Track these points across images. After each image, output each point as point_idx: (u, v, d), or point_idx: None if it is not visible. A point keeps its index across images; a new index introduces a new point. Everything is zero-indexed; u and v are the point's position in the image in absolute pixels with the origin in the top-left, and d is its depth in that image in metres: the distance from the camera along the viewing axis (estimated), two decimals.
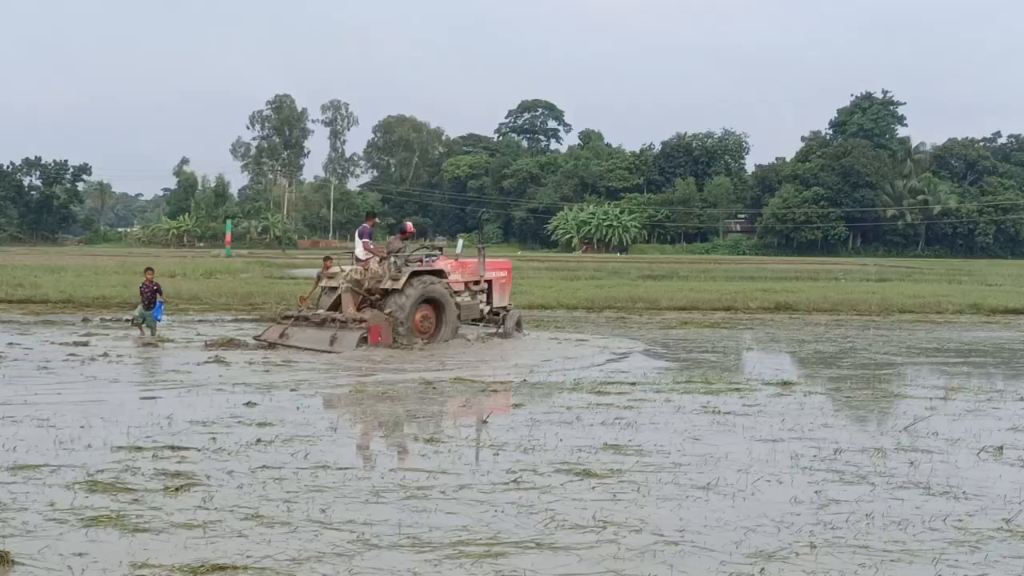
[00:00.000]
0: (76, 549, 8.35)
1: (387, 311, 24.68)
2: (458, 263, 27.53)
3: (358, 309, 25.20)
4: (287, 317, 25.44)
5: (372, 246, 26.63)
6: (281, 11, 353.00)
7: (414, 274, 25.35)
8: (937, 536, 9.20)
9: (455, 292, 26.45)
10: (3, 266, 59.80)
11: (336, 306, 25.54)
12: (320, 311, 25.33)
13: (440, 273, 26.24)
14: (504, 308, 28.12)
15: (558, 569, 8.06)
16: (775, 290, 47.15)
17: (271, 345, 24.22)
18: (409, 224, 27.95)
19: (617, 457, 12.18)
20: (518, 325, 27.72)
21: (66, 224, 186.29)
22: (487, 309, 27.82)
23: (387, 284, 25.18)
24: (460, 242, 30.00)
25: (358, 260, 26.48)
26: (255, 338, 25.07)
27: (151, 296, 26.04)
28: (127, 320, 26.97)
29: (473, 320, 27.28)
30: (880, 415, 16.11)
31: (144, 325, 25.89)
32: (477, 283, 27.62)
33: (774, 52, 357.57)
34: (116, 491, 10.18)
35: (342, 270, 26.02)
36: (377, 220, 27.79)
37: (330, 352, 23.24)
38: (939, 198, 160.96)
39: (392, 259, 25.87)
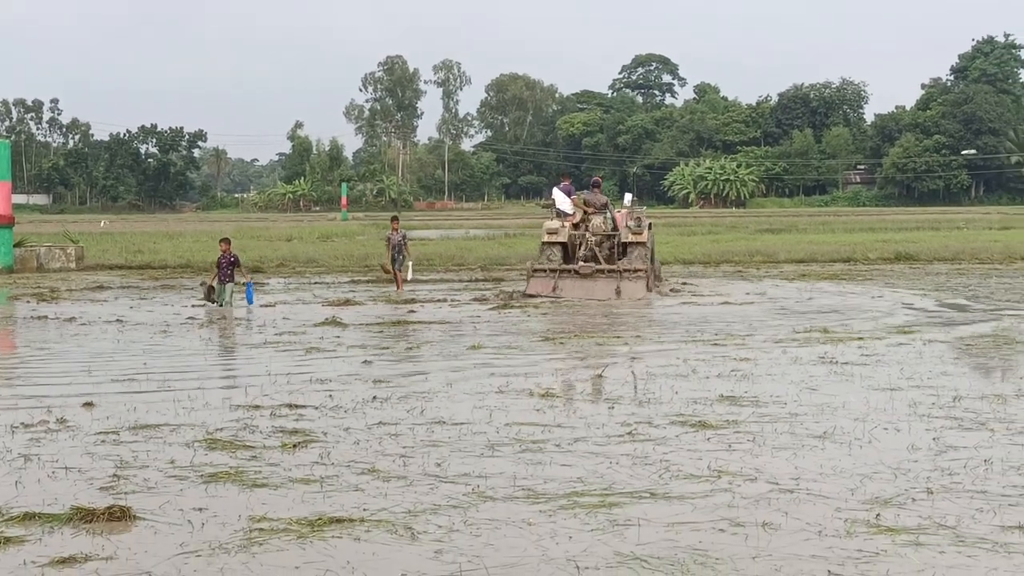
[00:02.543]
0: (196, 504, 8.48)
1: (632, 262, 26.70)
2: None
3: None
4: (538, 270, 26.74)
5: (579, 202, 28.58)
6: None
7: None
8: None
9: None
10: (123, 233, 61.02)
11: (568, 260, 27.32)
12: (583, 264, 26.73)
13: (649, 226, 28.26)
14: None
15: (672, 518, 8.04)
16: (895, 240, 46.57)
17: (538, 298, 25.62)
18: (599, 178, 30.70)
19: (733, 408, 12.11)
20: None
21: (183, 191, 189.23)
22: None
23: (628, 237, 27.21)
24: (628, 196, 31.30)
25: (562, 216, 28.14)
26: (523, 294, 26.32)
27: (228, 269, 24.78)
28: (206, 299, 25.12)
29: None
30: (1001, 362, 15.81)
31: (219, 300, 24.37)
32: None
33: None
34: (235, 448, 10.33)
35: (564, 226, 27.64)
36: (571, 178, 30.02)
37: (617, 300, 25.19)
38: None
39: (608, 214, 28.18)
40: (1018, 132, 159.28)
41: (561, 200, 28.61)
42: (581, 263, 26.71)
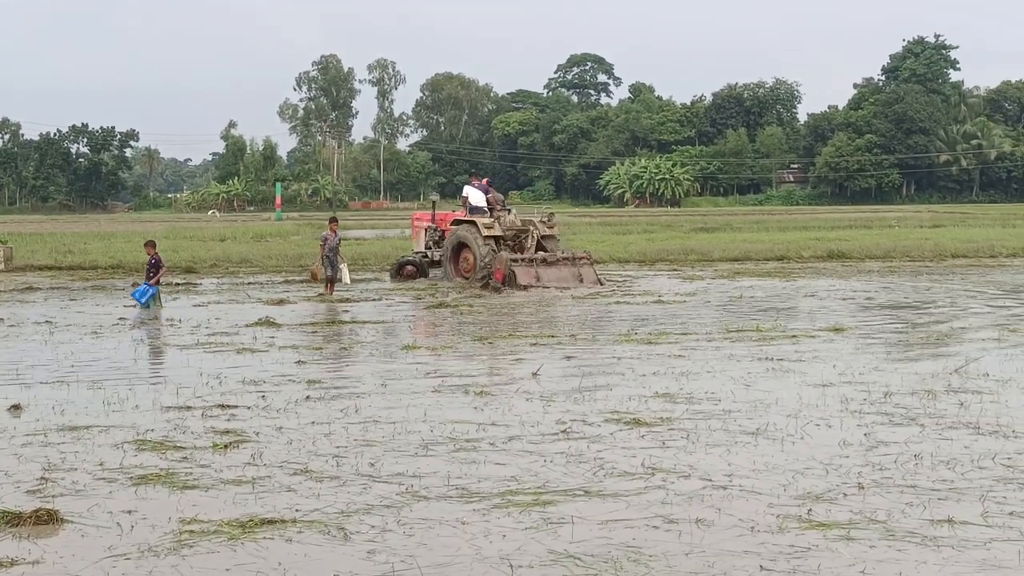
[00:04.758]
0: (125, 507, 8.38)
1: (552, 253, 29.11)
2: None
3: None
4: (515, 261, 28.08)
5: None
6: None
7: None
8: (985, 474, 9.14)
9: None
10: (53, 234, 60.13)
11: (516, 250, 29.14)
12: (544, 254, 28.84)
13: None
14: None
15: (606, 515, 8.04)
16: (828, 239, 46.92)
17: (526, 287, 27.31)
18: (488, 178, 33.13)
19: (667, 406, 12.13)
20: None
21: (115, 191, 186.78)
22: None
23: (545, 231, 29.52)
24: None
25: (478, 212, 29.58)
26: (509, 285, 27.47)
27: (151, 271, 24.34)
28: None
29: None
30: (931, 358, 15.99)
31: (151, 303, 23.78)
32: None
33: None
34: (165, 449, 10.22)
35: (493, 223, 29.14)
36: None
37: (580, 286, 27.75)
38: (993, 142, 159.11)
39: (512, 210, 30.63)
40: (947, 132, 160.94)
41: (478, 198, 29.86)
42: (542, 253, 28.68)
